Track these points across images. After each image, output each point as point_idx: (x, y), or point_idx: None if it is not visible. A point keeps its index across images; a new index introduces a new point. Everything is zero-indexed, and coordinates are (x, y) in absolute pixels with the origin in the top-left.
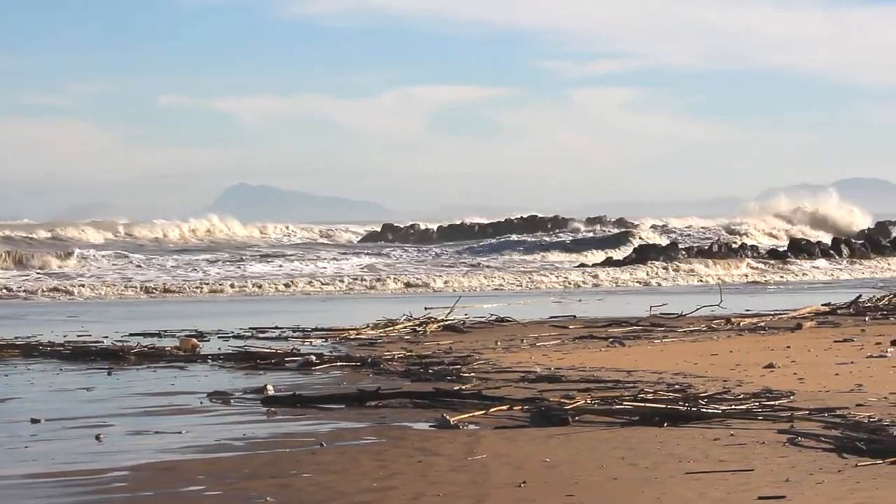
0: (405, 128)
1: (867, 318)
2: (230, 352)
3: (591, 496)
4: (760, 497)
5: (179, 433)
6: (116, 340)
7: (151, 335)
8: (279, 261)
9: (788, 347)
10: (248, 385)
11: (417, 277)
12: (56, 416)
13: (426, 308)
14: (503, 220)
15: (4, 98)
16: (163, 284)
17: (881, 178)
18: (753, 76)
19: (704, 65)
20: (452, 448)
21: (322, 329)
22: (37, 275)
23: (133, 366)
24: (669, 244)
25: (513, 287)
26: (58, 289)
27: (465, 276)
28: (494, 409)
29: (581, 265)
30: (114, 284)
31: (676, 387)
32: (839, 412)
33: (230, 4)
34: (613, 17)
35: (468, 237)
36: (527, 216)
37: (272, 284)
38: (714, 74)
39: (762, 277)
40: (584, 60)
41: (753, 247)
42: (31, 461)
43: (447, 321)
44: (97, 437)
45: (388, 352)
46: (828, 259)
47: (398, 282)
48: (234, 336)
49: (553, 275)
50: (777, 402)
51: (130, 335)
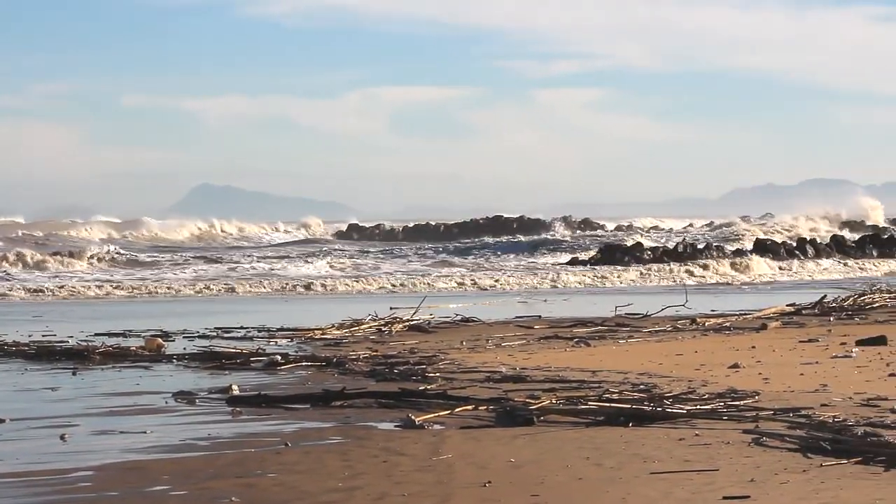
0: (369, 128)
1: (832, 319)
2: (195, 352)
3: (556, 496)
4: (725, 497)
5: (144, 433)
6: (81, 340)
7: (116, 335)
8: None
9: (753, 347)
10: (214, 385)
11: (390, 279)
12: (21, 416)
13: (391, 308)
14: (469, 221)
15: None
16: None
17: (846, 179)
18: (717, 77)
19: (669, 65)
20: (417, 448)
21: (287, 329)
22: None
23: (98, 365)
24: (634, 244)
25: (480, 287)
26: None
27: (434, 277)
28: (460, 409)
29: (551, 264)
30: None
31: (641, 387)
32: (804, 412)
33: (192, 4)
34: (577, 18)
35: (434, 237)
36: (492, 216)
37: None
38: (678, 75)
39: (725, 278)
40: (548, 60)
41: (718, 247)
42: None
43: (413, 321)
44: (62, 437)
45: (354, 352)
46: (793, 259)
47: (365, 282)
48: (200, 336)
49: (520, 275)
50: (742, 403)
51: (95, 335)
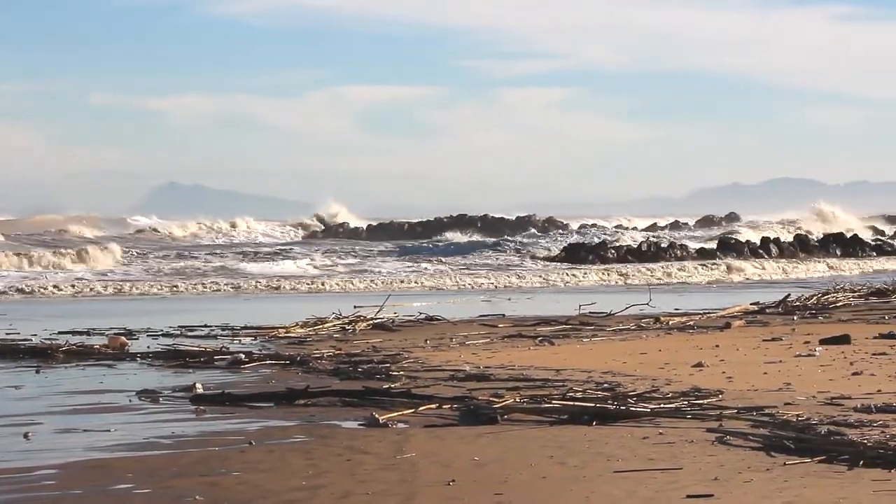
0: (335, 127)
1: (796, 318)
2: (159, 350)
3: (520, 495)
4: (689, 495)
5: (108, 431)
6: (45, 338)
7: (80, 333)
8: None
9: (717, 346)
10: (177, 383)
11: (354, 278)
12: None
13: (355, 306)
14: (433, 219)
15: None
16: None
17: (811, 178)
18: (683, 76)
19: (634, 65)
20: (381, 446)
21: (251, 327)
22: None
23: (61, 364)
24: (599, 243)
25: (443, 286)
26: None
27: (398, 275)
28: (423, 408)
29: (515, 263)
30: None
31: (605, 385)
32: (768, 411)
33: (157, 4)
34: (542, 17)
35: (398, 236)
36: (456, 215)
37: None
38: (643, 75)
39: (690, 276)
40: (513, 60)
41: (683, 246)
42: None
43: (376, 319)
44: (25, 436)
45: (318, 350)
46: (757, 258)
47: (329, 281)
48: (164, 334)
49: (484, 273)
50: (706, 401)
51: (59, 333)
